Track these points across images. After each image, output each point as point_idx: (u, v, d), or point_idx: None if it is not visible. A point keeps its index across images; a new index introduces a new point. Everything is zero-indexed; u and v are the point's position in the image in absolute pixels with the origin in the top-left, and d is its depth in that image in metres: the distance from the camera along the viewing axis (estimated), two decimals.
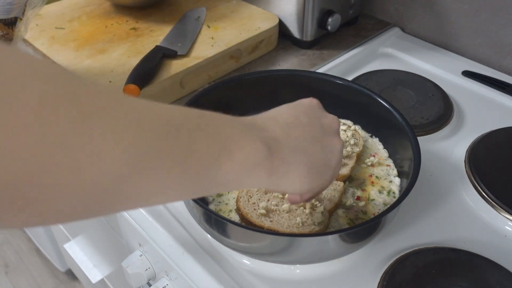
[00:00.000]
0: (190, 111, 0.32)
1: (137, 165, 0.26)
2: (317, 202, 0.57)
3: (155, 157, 0.27)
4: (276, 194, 0.59)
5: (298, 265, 0.57)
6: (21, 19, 0.65)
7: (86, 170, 0.24)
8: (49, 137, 0.22)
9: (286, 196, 0.58)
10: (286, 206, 0.57)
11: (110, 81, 0.76)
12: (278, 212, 0.57)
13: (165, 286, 0.62)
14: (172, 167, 0.29)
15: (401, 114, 0.63)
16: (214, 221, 0.53)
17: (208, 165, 0.31)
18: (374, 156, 0.66)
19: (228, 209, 0.59)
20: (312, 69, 0.89)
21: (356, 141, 0.66)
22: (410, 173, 0.56)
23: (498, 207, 0.63)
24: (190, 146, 0.30)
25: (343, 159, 0.63)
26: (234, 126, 0.35)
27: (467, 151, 0.72)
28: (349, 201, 0.60)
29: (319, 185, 0.44)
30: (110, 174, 0.25)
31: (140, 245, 0.65)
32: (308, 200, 0.49)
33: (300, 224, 0.55)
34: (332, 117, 0.47)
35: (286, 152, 0.39)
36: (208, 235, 0.58)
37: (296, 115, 0.43)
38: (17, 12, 0.64)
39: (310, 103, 0.46)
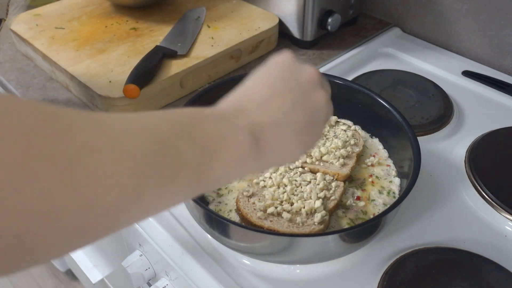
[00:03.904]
0: (170, 118, 0.32)
1: (130, 193, 0.27)
2: None
3: (147, 180, 0.27)
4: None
5: (298, 265, 0.57)
6: (5, 20, 0.65)
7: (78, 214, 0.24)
8: (36, 191, 0.22)
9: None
10: (287, 206, 0.57)
11: (110, 81, 0.76)
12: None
13: (165, 286, 0.62)
14: (166, 183, 0.29)
15: (401, 114, 0.63)
16: (214, 221, 0.53)
17: (199, 172, 0.32)
18: (374, 156, 0.66)
19: (228, 209, 0.59)
20: None
21: (356, 141, 0.66)
22: (410, 173, 0.56)
23: (498, 207, 0.63)
24: (179, 160, 0.30)
25: (343, 159, 0.63)
26: (215, 122, 0.35)
27: (467, 151, 0.72)
28: (349, 201, 0.60)
29: (311, 144, 0.43)
30: (106, 207, 0.25)
31: (140, 245, 0.65)
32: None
33: (300, 224, 0.55)
34: (310, 70, 0.44)
35: (270, 131, 0.38)
36: (208, 235, 0.58)
37: (270, 83, 0.41)
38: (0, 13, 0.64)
39: (283, 60, 0.44)
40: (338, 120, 0.70)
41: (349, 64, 0.93)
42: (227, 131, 0.35)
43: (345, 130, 0.67)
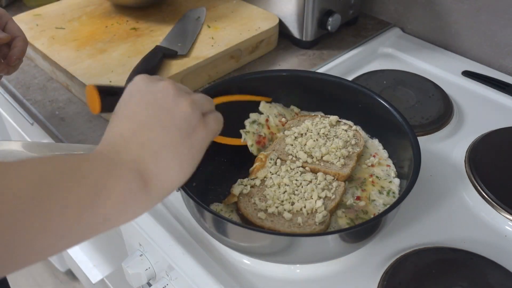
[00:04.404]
0: (56, 159, 0.35)
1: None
2: None
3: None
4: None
5: (298, 265, 0.57)
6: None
7: None
8: None
9: None
10: (288, 205, 0.57)
11: (110, 81, 0.76)
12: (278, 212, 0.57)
13: (165, 286, 0.62)
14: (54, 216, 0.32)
15: (401, 114, 0.63)
16: (215, 221, 0.53)
17: (90, 204, 0.34)
18: (374, 156, 0.66)
19: (229, 209, 0.59)
20: (312, 69, 0.89)
21: (357, 141, 0.66)
22: (410, 173, 0.56)
23: (498, 207, 0.63)
24: (67, 195, 0.33)
25: (343, 159, 0.63)
26: (98, 162, 0.38)
27: (467, 151, 0.72)
28: (349, 201, 0.60)
29: (194, 154, 0.43)
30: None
31: (140, 245, 0.65)
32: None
33: (301, 224, 0.55)
34: (162, 86, 0.44)
35: (149, 163, 0.40)
36: (208, 235, 0.58)
37: (133, 116, 0.42)
38: None
39: (137, 88, 0.44)
40: (339, 120, 0.70)
41: (349, 64, 0.93)
42: (112, 168, 0.37)
43: (346, 130, 0.67)
